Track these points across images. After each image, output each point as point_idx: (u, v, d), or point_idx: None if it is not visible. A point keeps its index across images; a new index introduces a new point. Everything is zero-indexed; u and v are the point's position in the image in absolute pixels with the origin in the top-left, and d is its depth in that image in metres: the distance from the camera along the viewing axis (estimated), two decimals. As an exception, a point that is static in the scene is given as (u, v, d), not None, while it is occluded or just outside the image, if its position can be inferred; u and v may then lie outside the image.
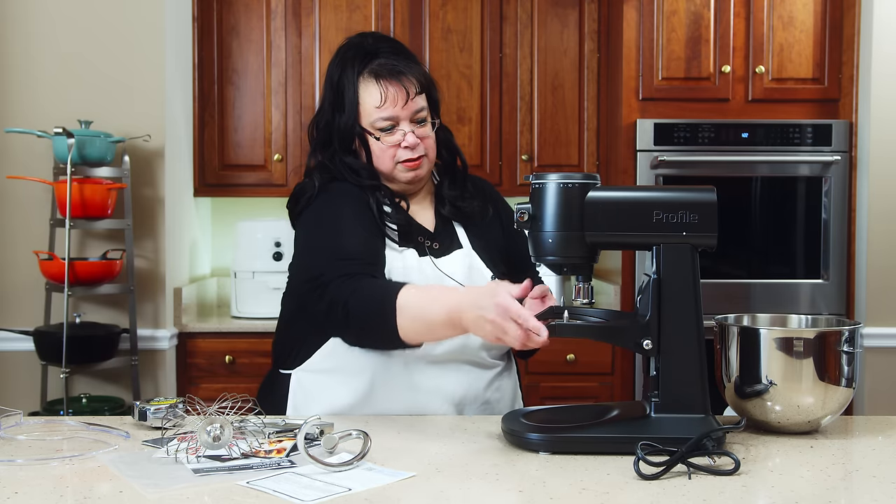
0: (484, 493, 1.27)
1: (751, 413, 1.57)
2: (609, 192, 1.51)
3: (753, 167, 3.48)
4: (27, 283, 3.31)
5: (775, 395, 1.53)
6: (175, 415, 1.57)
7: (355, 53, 1.80)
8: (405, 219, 1.82)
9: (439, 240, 1.84)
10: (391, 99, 1.76)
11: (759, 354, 1.55)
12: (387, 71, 1.77)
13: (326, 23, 3.79)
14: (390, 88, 1.76)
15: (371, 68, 1.78)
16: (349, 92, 1.78)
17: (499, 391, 1.82)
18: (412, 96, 1.78)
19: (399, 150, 1.78)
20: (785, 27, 3.50)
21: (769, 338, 1.55)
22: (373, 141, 1.79)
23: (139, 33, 3.34)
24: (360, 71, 1.78)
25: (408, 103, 1.77)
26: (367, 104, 1.77)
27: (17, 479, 1.30)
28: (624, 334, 1.51)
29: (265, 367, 3.47)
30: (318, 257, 1.73)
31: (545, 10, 3.84)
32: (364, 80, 1.78)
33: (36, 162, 3.30)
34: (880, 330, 3.40)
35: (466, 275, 1.79)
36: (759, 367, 1.54)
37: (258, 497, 1.22)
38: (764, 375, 1.54)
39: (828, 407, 1.55)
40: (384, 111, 1.76)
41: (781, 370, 1.53)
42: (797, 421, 1.55)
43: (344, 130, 1.80)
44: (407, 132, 1.77)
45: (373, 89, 1.77)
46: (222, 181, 3.81)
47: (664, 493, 1.24)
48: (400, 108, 1.77)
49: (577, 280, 1.56)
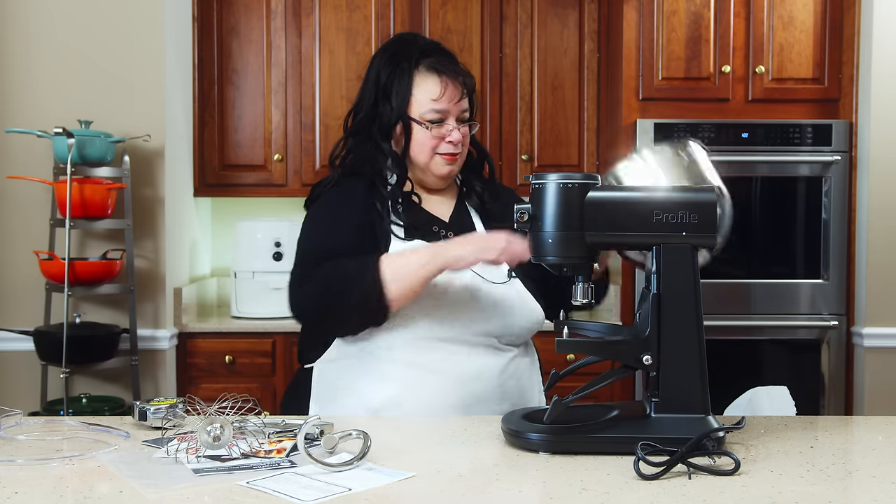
0: (484, 493, 1.27)
1: None
2: (609, 192, 1.51)
3: (753, 167, 3.48)
4: (27, 283, 3.31)
5: None
6: (175, 415, 1.57)
7: (411, 48, 1.88)
8: (416, 211, 1.87)
9: (454, 229, 1.89)
10: (449, 94, 1.84)
11: None
12: (446, 68, 1.85)
13: (326, 23, 3.80)
14: (449, 84, 1.84)
15: (429, 63, 1.85)
16: (402, 82, 1.85)
17: (514, 378, 1.83)
18: (464, 95, 1.87)
19: (443, 143, 1.85)
20: (785, 27, 3.50)
21: None
22: (419, 130, 1.85)
23: (139, 33, 3.34)
24: (416, 64, 1.85)
25: (460, 101, 1.86)
26: (421, 95, 1.84)
27: (17, 479, 1.30)
28: (624, 350, 1.51)
29: (265, 367, 3.53)
30: (303, 254, 1.83)
31: (545, 10, 3.84)
32: (421, 73, 1.85)
33: (36, 162, 3.30)
34: (880, 330, 3.40)
35: (482, 266, 1.80)
36: None
37: (258, 497, 1.22)
38: None
39: None
40: (439, 104, 1.83)
41: None
42: None
43: (389, 118, 1.85)
44: (454, 128, 1.85)
45: (431, 82, 1.84)
46: (222, 181, 3.81)
47: (664, 493, 1.24)
48: (453, 104, 1.85)
49: (577, 280, 1.56)
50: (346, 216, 1.82)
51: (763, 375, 3.46)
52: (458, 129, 1.85)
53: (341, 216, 1.83)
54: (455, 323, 1.77)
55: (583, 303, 1.57)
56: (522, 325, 1.83)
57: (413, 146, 1.86)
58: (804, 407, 2.04)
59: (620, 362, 1.53)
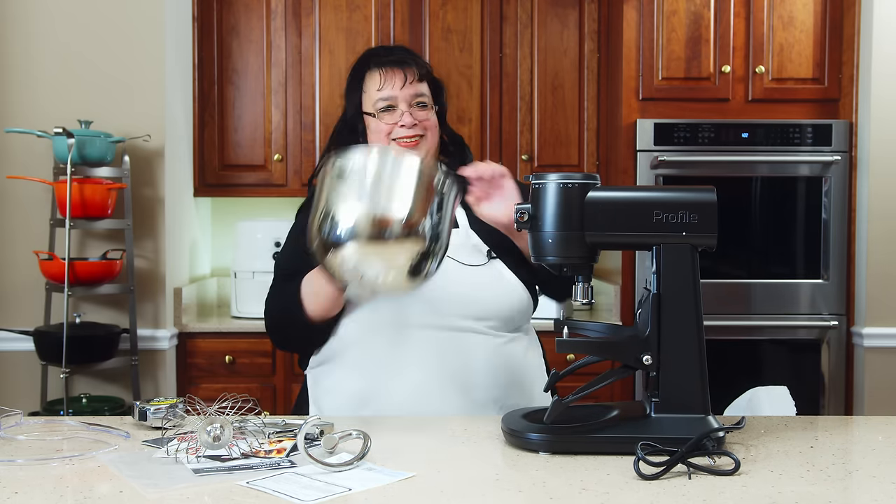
0: (484, 493, 1.27)
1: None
2: (609, 192, 1.51)
3: (753, 167, 3.48)
4: (27, 283, 3.31)
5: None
6: (175, 415, 1.57)
7: (366, 56, 1.97)
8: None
9: None
10: (389, 81, 1.89)
11: None
12: (389, 61, 1.91)
13: (326, 23, 3.80)
14: (389, 73, 1.90)
15: (377, 61, 1.93)
16: (356, 87, 1.93)
17: (506, 363, 1.82)
18: (411, 80, 1.90)
19: (396, 129, 1.88)
20: (785, 27, 3.50)
21: None
22: (371, 121, 1.91)
23: (139, 33, 3.34)
24: (368, 66, 1.93)
25: (406, 86, 1.89)
26: (369, 90, 1.91)
27: (17, 479, 1.30)
28: (624, 350, 1.51)
29: (265, 367, 3.53)
30: (275, 272, 1.96)
31: (545, 10, 3.84)
32: (370, 72, 1.93)
33: (36, 162, 3.30)
34: (880, 330, 3.40)
35: (456, 250, 1.83)
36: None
37: (258, 497, 1.22)
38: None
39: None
40: (383, 92, 1.88)
41: None
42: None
43: (350, 123, 1.94)
44: (405, 111, 1.88)
45: (375, 76, 1.91)
46: (222, 181, 3.82)
47: (664, 493, 1.24)
48: (398, 90, 1.88)
49: (577, 280, 1.56)
50: (303, 225, 1.90)
51: (763, 375, 3.47)
52: (411, 113, 1.88)
53: (300, 225, 1.91)
54: (429, 308, 1.78)
55: (583, 303, 1.57)
56: (503, 306, 1.83)
57: (370, 137, 1.92)
58: (804, 407, 2.04)
59: (620, 362, 1.53)
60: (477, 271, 1.83)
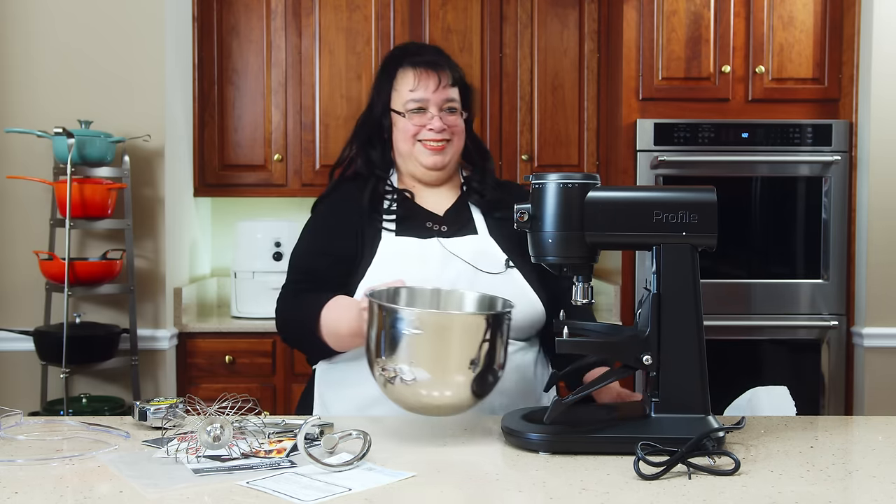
0: (484, 493, 1.27)
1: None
2: (609, 192, 1.51)
3: (753, 167, 3.48)
4: (27, 283, 3.31)
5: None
6: (175, 415, 1.57)
7: (400, 52, 1.98)
8: (409, 207, 1.91)
9: (447, 223, 1.91)
10: (423, 83, 1.89)
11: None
12: (424, 62, 1.92)
13: (326, 23, 3.79)
14: (423, 74, 1.90)
15: (410, 59, 1.93)
16: (386, 83, 1.93)
17: (516, 372, 1.82)
18: (444, 85, 1.90)
19: (423, 131, 1.89)
20: (785, 27, 3.50)
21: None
22: (399, 120, 1.91)
23: (139, 33, 3.34)
24: (400, 64, 1.93)
25: (439, 90, 1.90)
26: (401, 89, 1.91)
27: (17, 479, 1.30)
28: (624, 350, 1.51)
29: (265, 367, 3.53)
30: (289, 270, 1.94)
31: (545, 10, 3.84)
32: (403, 70, 1.93)
33: (36, 162, 3.30)
34: (880, 330, 3.40)
35: (475, 256, 1.84)
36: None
37: (258, 497, 1.22)
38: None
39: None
40: (416, 93, 1.89)
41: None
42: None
43: (377, 119, 1.94)
44: (435, 115, 1.89)
45: (409, 75, 1.91)
46: (222, 181, 3.81)
47: (664, 493, 1.24)
48: (431, 93, 1.89)
49: (577, 280, 1.56)
50: (330, 232, 1.91)
51: (763, 375, 3.46)
52: (441, 117, 1.88)
53: (324, 233, 1.91)
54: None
55: (582, 303, 1.57)
56: (518, 316, 1.82)
57: (395, 135, 1.92)
58: (804, 407, 2.03)
59: (620, 362, 1.53)
60: (495, 279, 1.82)
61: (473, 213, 1.94)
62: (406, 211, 1.90)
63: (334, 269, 1.86)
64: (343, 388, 1.84)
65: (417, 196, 1.94)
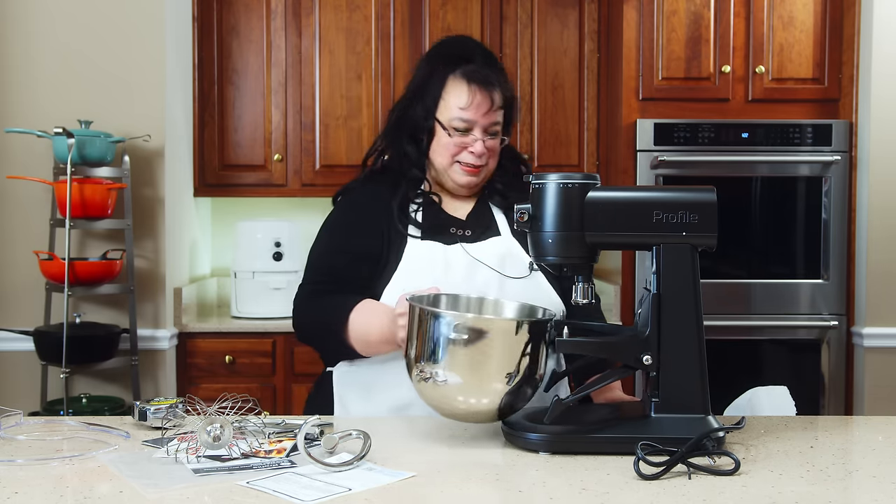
0: (484, 493, 1.27)
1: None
2: (609, 192, 1.51)
3: (753, 167, 3.48)
4: (27, 283, 3.31)
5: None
6: (175, 415, 1.57)
7: (451, 52, 1.88)
8: (435, 212, 1.88)
9: (471, 227, 1.88)
10: (476, 104, 1.81)
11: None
12: (480, 78, 1.83)
13: (326, 23, 3.80)
14: (478, 94, 1.82)
15: (465, 70, 1.83)
16: (435, 85, 1.84)
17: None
18: (494, 108, 1.83)
19: (464, 153, 1.83)
20: (785, 27, 3.50)
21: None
22: (442, 135, 1.84)
23: (139, 33, 3.34)
24: (453, 70, 1.84)
25: (488, 113, 1.83)
26: (450, 102, 1.83)
27: (17, 479, 1.30)
28: (624, 350, 1.51)
29: (265, 367, 3.53)
30: (310, 267, 1.89)
31: (545, 10, 3.84)
32: (454, 79, 1.84)
33: (36, 162, 3.30)
34: (880, 330, 3.40)
35: (500, 260, 1.82)
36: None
37: (258, 497, 1.22)
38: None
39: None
40: (466, 113, 1.82)
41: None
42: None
43: (418, 119, 1.86)
44: (479, 139, 1.83)
45: (461, 90, 1.82)
46: (222, 181, 3.81)
47: (664, 493, 1.24)
48: (480, 115, 1.82)
49: (577, 280, 1.56)
50: (351, 230, 1.86)
51: (763, 375, 3.46)
52: (484, 141, 1.83)
53: (345, 231, 1.87)
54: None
55: (583, 303, 1.57)
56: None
57: (434, 148, 1.86)
58: (804, 407, 2.03)
59: (620, 362, 1.53)
60: (519, 284, 1.81)
61: (495, 213, 1.91)
62: (430, 215, 1.87)
63: (355, 268, 1.82)
64: (371, 391, 1.81)
65: (441, 201, 1.91)
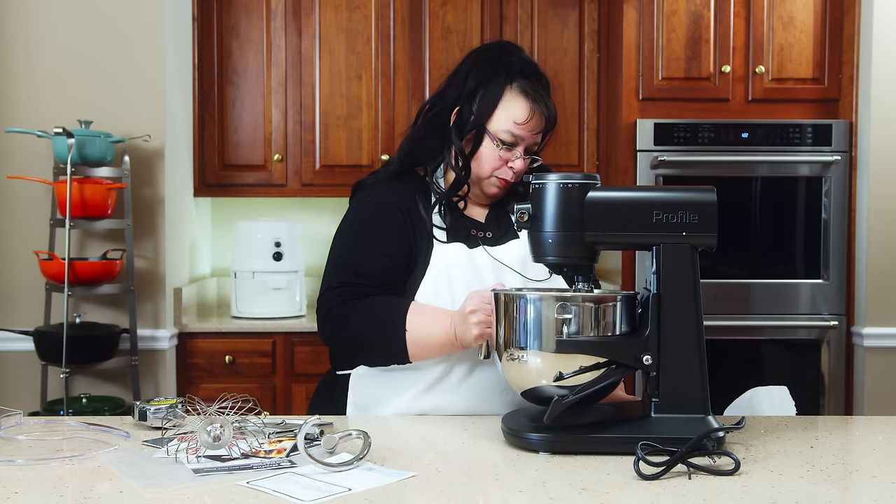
0: (484, 493, 1.27)
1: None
2: (609, 192, 1.52)
3: (753, 167, 3.48)
4: (27, 283, 3.31)
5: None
6: (175, 415, 1.57)
7: (512, 60, 1.84)
8: (458, 214, 1.87)
9: (491, 230, 1.88)
10: (533, 123, 1.81)
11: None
12: (539, 96, 1.82)
13: (326, 23, 3.79)
14: (536, 113, 1.81)
15: (525, 84, 1.82)
16: (491, 92, 1.81)
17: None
18: (542, 129, 1.84)
19: (504, 167, 1.82)
20: (785, 27, 3.50)
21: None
22: (489, 146, 1.81)
23: (139, 33, 3.34)
24: (511, 80, 1.82)
25: (537, 133, 1.83)
26: (505, 114, 1.80)
27: (17, 479, 1.30)
28: (624, 350, 1.51)
29: (265, 367, 3.53)
30: (336, 265, 1.83)
31: (545, 10, 3.84)
32: (512, 90, 1.82)
33: (36, 162, 3.30)
34: (880, 330, 3.40)
35: (521, 262, 1.82)
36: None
37: (258, 497, 1.22)
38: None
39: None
40: (519, 129, 1.80)
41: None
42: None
43: (466, 122, 1.82)
44: (520, 157, 1.82)
45: (520, 105, 1.80)
46: (222, 181, 3.81)
47: (664, 493, 1.24)
48: (531, 134, 1.82)
49: (577, 280, 1.56)
50: (387, 230, 1.82)
51: (763, 375, 3.46)
52: (524, 159, 1.82)
53: (377, 234, 1.82)
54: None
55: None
56: None
57: (478, 158, 1.83)
58: (804, 407, 2.04)
59: (620, 362, 1.53)
60: (540, 286, 1.79)
61: (512, 217, 1.92)
62: (452, 218, 1.85)
63: (389, 270, 1.79)
64: (388, 398, 1.79)
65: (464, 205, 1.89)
